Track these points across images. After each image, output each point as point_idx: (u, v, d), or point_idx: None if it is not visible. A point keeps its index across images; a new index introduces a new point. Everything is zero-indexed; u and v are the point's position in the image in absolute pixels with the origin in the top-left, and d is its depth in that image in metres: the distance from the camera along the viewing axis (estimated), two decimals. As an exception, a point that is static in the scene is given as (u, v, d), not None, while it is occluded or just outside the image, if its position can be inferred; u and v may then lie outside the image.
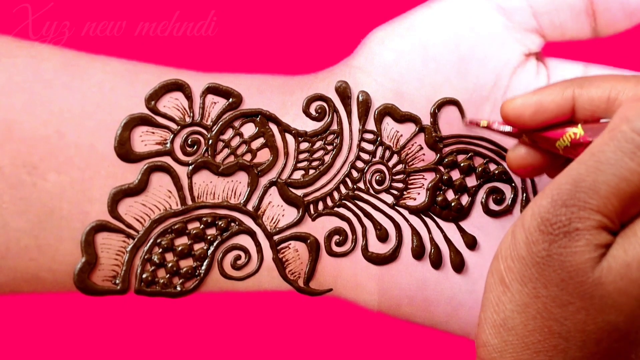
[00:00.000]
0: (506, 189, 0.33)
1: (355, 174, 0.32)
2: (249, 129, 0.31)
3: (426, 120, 0.32)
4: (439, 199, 0.32)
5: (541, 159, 0.30)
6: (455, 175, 0.33)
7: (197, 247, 0.31)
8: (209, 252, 0.31)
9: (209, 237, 0.31)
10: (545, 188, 0.26)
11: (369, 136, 0.32)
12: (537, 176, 0.32)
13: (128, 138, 0.30)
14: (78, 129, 0.29)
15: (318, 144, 0.32)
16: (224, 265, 0.31)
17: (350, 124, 0.32)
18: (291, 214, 0.31)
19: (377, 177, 0.32)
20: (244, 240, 0.31)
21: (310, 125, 0.32)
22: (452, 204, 0.32)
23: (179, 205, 0.30)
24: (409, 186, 0.32)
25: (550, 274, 0.25)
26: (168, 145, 0.30)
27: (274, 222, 0.31)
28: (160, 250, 0.30)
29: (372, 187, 0.32)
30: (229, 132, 0.31)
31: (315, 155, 0.32)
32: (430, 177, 0.33)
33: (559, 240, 0.25)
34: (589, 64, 0.34)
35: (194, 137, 0.31)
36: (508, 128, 0.30)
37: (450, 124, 0.32)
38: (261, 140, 0.31)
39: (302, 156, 0.32)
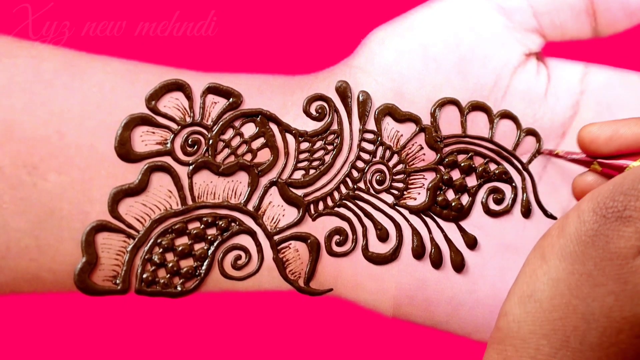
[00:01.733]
0: (506, 189, 0.33)
1: (355, 173, 0.32)
2: (249, 129, 0.31)
3: (426, 120, 0.32)
4: (440, 198, 0.32)
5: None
6: (456, 175, 0.33)
7: (197, 247, 0.31)
8: (210, 252, 0.31)
9: (209, 237, 0.31)
10: (611, 179, 0.27)
11: (369, 136, 0.32)
12: None
13: (128, 138, 0.30)
14: (78, 129, 0.29)
15: (318, 144, 0.32)
16: (224, 265, 0.31)
17: (350, 123, 0.32)
18: (291, 213, 0.31)
19: (378, 177, 0.32)
20: (245, 240, 0.31)
21: (311, 125, 0.32)
22: (453, 204, 0.32)
23: (179, 205, 0.30)
24: (409, 186, 0.32)
25: (591, 252, 0.25)
26: (168, 145, 0.30)
27: (275, 222, 0.31)
28: (161, 250, 0.30)
29: (373, 187, 0.32)
30: (230, 132, 0.31)
31: (316, 155, 0.32)
32: (430, 177, 0.33)
33: (609, 223, 0.25)
34: (589, 63, 0.34)
35: (194, 137, 0.31)
36: (581, 155, 0.31)
37: (450, 123, 0.32)
38: (261, 140, 0.31)
39: (302, 156, 0.32)
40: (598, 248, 0.25)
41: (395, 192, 0.32)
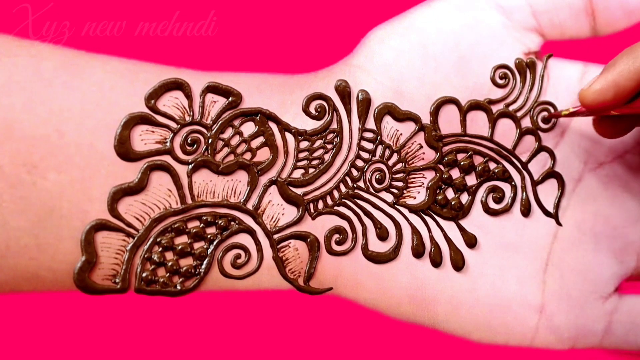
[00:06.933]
0: (506, 187, 0.33)
1: (355, 172, 0.32)
2: (248, 128, 0.31)
3: (426, 119, 0.32)
4: (439, 197, 0.32)
5: (629, 121, 0.31)
6: (455, 174, 0.33)
7: (197, 245, 0.31)
8: (209, 250, 0.31)
9: (208, 236, 0.31)
10: None
11: (369, 135, 0.32)
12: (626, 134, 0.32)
13: (128, 137, 0.30)
14: (78, 128, 0.29)
15: (318, 143, 0.32)
16: (223, 264, 0.31)
17: (350, 122, 0.32)
18: (291, 212, 0.31)
19: (377, 176, 0.32)
20: (244, 239, 0.31)
21: (310, 124, 0.32)
22: (452, 203, 0.32)
23: (178, 204, 0.30)
24: (409, 185, 0.32)
25: None
26: (168, 144, 0.30)
27: (274, 221, 0.31)
28: (160, 249, 0.30)
29: (372, 186, 0.32)
30: (229, 131, 0.31)
31: (315, 154, 0.32)
32: (430, 175, 0.33)
33: None
34: (588, 63, 0.34)
35: (193, 136, 0.31)
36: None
37: (450, 122, 0.32)
38: (261, 139, 0.31)
39: (302, 155, 0.32)
40: None
41: (395, 191, 0.32)
